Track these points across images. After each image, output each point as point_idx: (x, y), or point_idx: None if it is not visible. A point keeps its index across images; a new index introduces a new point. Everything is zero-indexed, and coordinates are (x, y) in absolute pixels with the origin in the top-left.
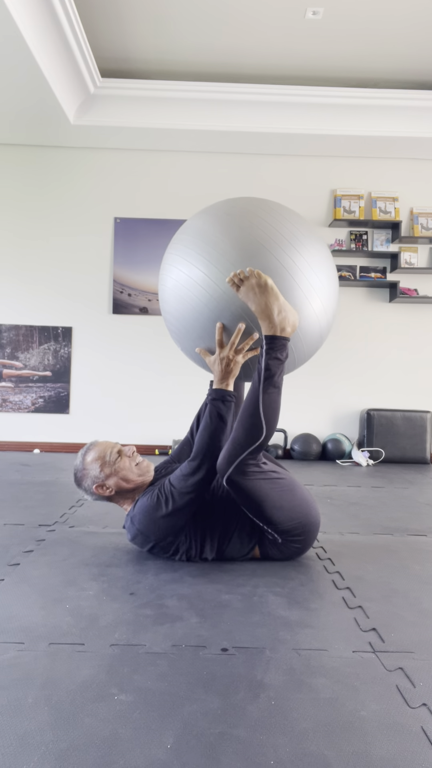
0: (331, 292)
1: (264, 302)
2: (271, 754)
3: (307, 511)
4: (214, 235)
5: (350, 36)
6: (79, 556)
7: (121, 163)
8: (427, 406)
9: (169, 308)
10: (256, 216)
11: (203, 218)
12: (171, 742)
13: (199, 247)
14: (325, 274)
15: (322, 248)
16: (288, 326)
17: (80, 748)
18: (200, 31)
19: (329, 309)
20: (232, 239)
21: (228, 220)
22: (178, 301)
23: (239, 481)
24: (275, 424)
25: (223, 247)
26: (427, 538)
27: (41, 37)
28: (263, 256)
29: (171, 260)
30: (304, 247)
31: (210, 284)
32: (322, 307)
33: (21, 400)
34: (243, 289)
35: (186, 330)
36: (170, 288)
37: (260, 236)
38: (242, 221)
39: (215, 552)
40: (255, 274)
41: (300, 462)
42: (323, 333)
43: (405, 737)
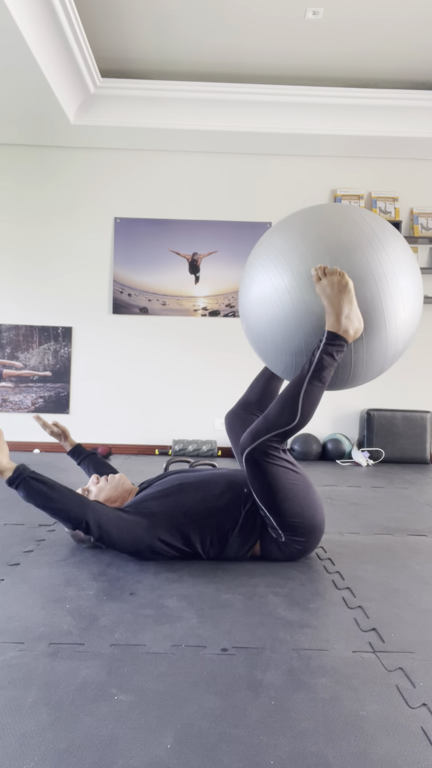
0: (413, 324)
1: (338, 301)
2: (271, 754)
3: (314, 512)
4: (299, 248)
5: (350, 36)
6: (79, 556)
7: (121, 163)
8: (427, 406)
9: (254, 318)
10: (344, 218)
11: (287, 230)
12: (171, 742)
13: (284, 258)
14: (414, 303)
15: (412, 258)
16: (351, 330)
17: (80, 748)
18: (200, 31)
19: (403, 336)
20: (322, 242)
21: (314, 228)
22: (263, 311)
23: (259, 459)
24: (309, 417)
25: (311, 253)
26: (427, 538)
27: (41, 37)
28: (356, 259)
29: (256, 269)
30: (395, 252)
31: (294, 293)
32: (397, 333)
33: (21, 400)
34: (323, 282)
35: (271, 338)
36: (255, 297)
37: (354, 240)
38: (329, 225)
39: (212, 549)
40: (339, 273)
41: (300, 462)
42: (391, 356)
43: (405, 737)
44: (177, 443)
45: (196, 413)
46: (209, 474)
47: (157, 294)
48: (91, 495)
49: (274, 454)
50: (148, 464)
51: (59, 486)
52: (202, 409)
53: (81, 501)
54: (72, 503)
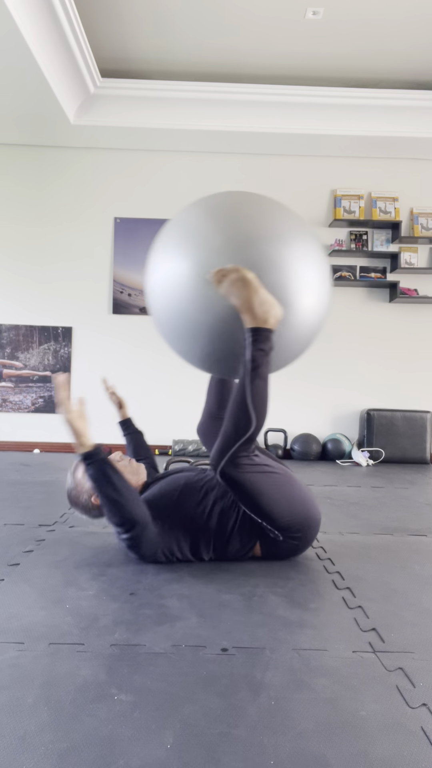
0: (321, 287)
1: (245, 296)
2: (271, 754)
3: (305, 506)
4: (203, 231)
5: (350, 36)
6: (79, 556)
7: (121, 163)
8: (427, 406)
9: (158, 309)
10: (244, 210)
11: (193, 213)
12: (171, 742)
13: (187, 242)
14: (315, 269)
15: (312, 242)
16: (271, 318)
17: (80, 748)
18: (200, 31)
19: (321, 304)
20: (221, 234)
21: (217, 215)
22: (166, 297)
23: (232, 474)
24: (265, 415)
25: (212, 243)
26: (427, 538)
27: (41, 37)
28: (250, 250)
29: (158, 257)
30: (294, 241)
31: (197, 281)
32: (314, 302)
33: (21, 400)
34: (224, 284)
35: (177, 331)
36: (158, 284)
37: (248, 230)
38: (231, 216)
39: (214, 552)
40: (235, 269)
41: (300, 462)
42: (314, 329)
43: (405, 737)
44: (177, 443)
45: (196, 413)
46: (211, 475)
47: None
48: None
49: (245, 463)
50: None
51: (126, 482)
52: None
53: (140, 502)
54: (130, 498)
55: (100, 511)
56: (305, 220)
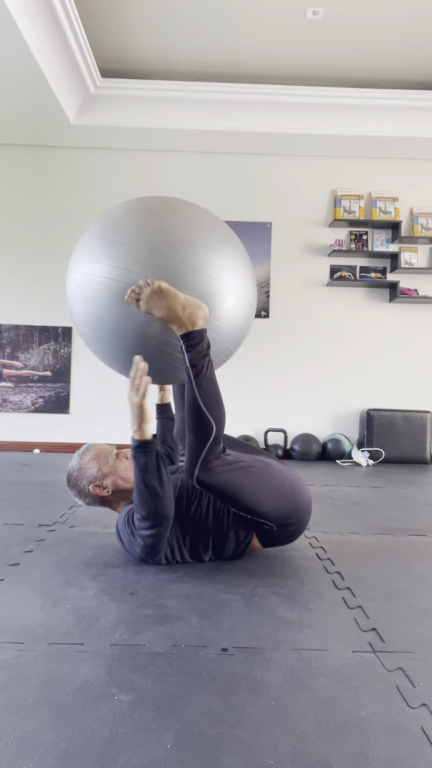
0: (239, 274)
1: (165, 305)
2: (271, 754)
3: (291, 493)
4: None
5: (350, 36)
6: (79, 556)
7: (121, 163)
8: (427, 406)
9: (76, 313)
10: (160, 217)
11: (104, 222)
12: (171, 742)
13: (105, 253)
14: (230, 257)
15: (220, 233)
16: (198, 319)
17: (80, 748)
18: (200, 31)
19: (246, 290)
20: (143, 240)
21: (120, 224)
22: (83, 304)
23: (208, 479)
24: (222, 414)
25: (126, 252)
26: (427, 538)
27: (41, 37)
28: (155, 259)
29: (77, 258)
30: (201, 239)
31: (115, 284)
32: (235, 287)
33: (21, 400)
34: (142, 302)
35: (97, 338)
36: (75, 288)
37: (151, 239)
38: (147, 223)
39: (213, 551)
40: (146, 284)
41: (300, 462)
42: (245, 317)
43: (405, 737)
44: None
45: None
46: None
47: None
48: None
49: (217, 464)
50: None
51: (169, 479)
52: None
53: (173, 502)
54: (169, 497)
55: (94, 500)
56: (219, 219)
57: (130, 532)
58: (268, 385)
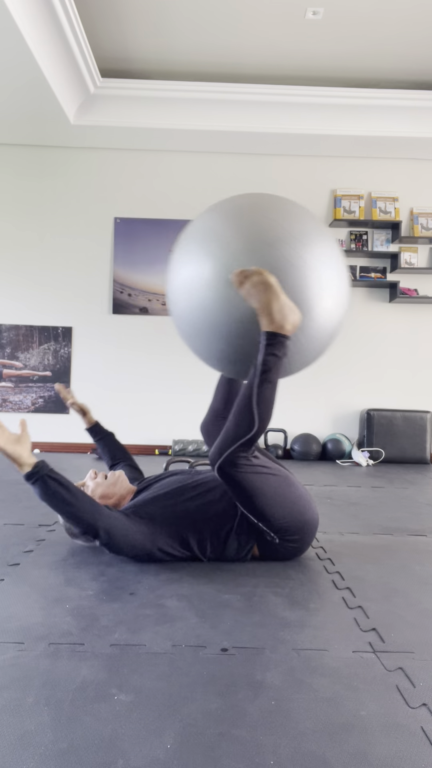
0: (341, 292)
1: (265, 300)
2: (271, 754)
3: (302, 509)
4: (223, 233)
5: (350, 36)
6: (79, 556)
7: (121, 163)
8: (427, 406)
9: (178, 308)
10: (265, 212)
11: (212, 216)
12: (171, 742)
13: (208, 245)
14: (335, 273)
15: (332, 244)
16: (288, 324)
17: (80, 748)
18: (200, 31)
19: (339, 309)
20: (241, 237)
21: (236, 218)
22: (187, 300)
23: (230, 472)
24: (268, 420)
25: (233, 245)
26: (427, 538)
27: (41, 37)
28: (271, 253)
29: (180, 259)
30: (314, 243)
31: (218, 282)
32: (333, 306)
33: (21, 400)
34: (246, 286)
35: (196, 330)
36: (178, 287)
37: (269, 233)
38: (250, 218)
39: (212, 553)
40: (258, 272)
41: (300, 462)
42: (331, 334)
43: (405, 737)
44: (177, 443)
45: (196, 413)
46: (209, 477)
47: (157, 294)
48: (88, 489)
49: (243, 463)
50: (148, 464)
51: (75, 489)
52: (202, 409)
53: (95, 507)
54: (86, 509)
55: None
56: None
57: None
58: None
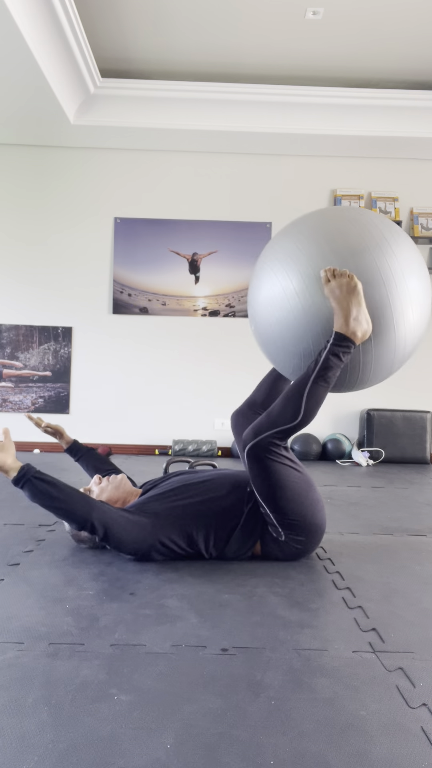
0: (422, 325)
1: (346, 302)
2: (271, 754)
3: (314, 512)
4: (308, 251)
5: (350, 36)
6: (79, 556)
7: (121, 163)
8: (427, 406)
9: (263, 320)
10: (349, 223)
11: (295, 233)
12: (171, 742)
13: (293, 261)
14: (423, 303)
15: (419, 256)
16: (359, 332)
17: (80, 748)
18: (200, 31)
19: (412, 338)
20: (327, 245)
21: (322, 231)
22: (272, 313)
23: (260, 455)
24: (312, 417)
25: (316, 260)
26: (427, 538)
27: (41, 37)
28: (361, 259)
29: (266, 272)
30: (403, 255)
31: (304, 296)
32: (406, 336)
33: (21, 400)
34: (332, 284)
35: (280, 341)
36: (264, 299)
37: (360, 241)
38: (335, 228)
39: (215, 549)
40: (348, 275)
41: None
42: (399, 359)
43: (405, 737)
44: (177, 443)
45: (196, 413)
46: (215, 474)
47: (157, 294)
48: (93, 495)
49: (275, 451)
50: (148, 464)
51: (64, 486)
52: (202, 409)
53: (86, 501)
54: (77, 504)
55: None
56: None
57: None
58: None
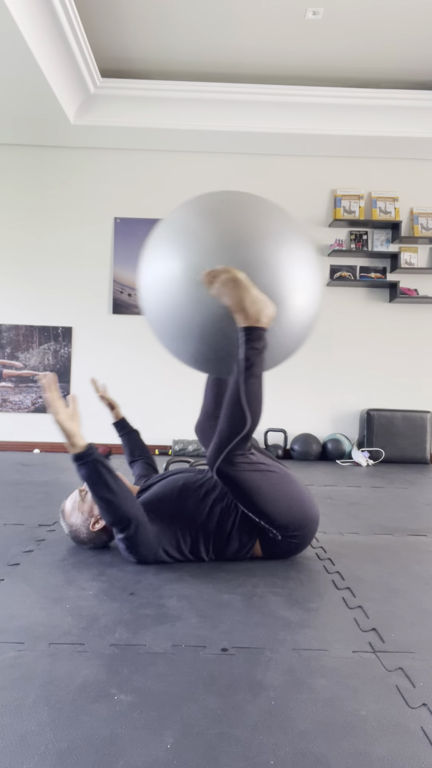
0: (313, 285)
1: (237, 296)
2: (271, 754)
3: (303, 505)
4: (196, 231)
5: (350, 36)
6: (79, 556)
7: (121, 163)
8: (427, 406)
9: (150, 306)
10: (235, 209)
11: (186, 211)
12: (171, 742)
13: (180, 242)
14: (306, 267)
15: (302, 240)
16: (263, 317)
17: (80, 748)
18: (200, 31)
19: (313, 302)
20: (212, 234)
21: (207, 214)
22: (159, 297)
23: (229, 472)
24: (260, 413)
25: (205, 243)
26: (427, 538)
27: (41, 37)
28: (241, 250)
29: (151, 255)
30: (284, 240)
31: (189, 282)
32: (306, 300)
33: (21, 400)
34: (215, 286)
35: (170, 331)
36: (150, 286)
37: (238, 230)
38: (221, 215)
39: (213, 552)
40: (225, 270)
41: (300, 462)
42: (306, 327)
43: (405, 737)
44: (177, 443)
45: (196, 413)
46: (210, 475)
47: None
48: (89, 495)
49: (241, 462)
50: None
51: (119, 478)
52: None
53: (134, 501)
54: (127, 500)
55: (107, 533)
56: (295, 217)
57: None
58: (268, 385)
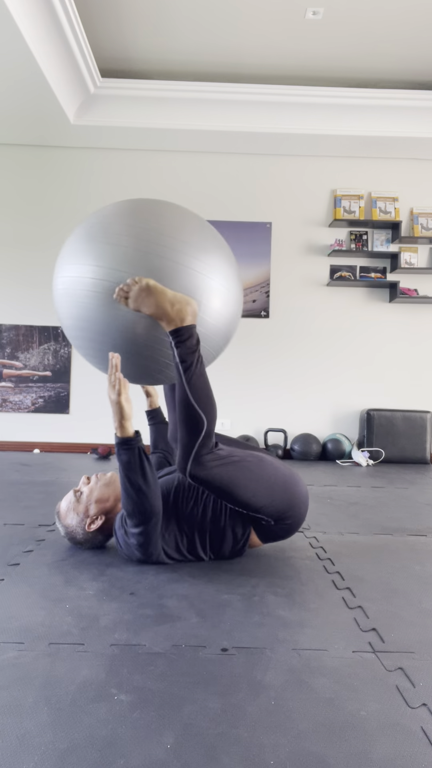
0: (225, 271)
1: (153, 303)
2: (271, 754)
3: (285, 487)
4: (115, 236)
5: (350, 36)
6: (79, 556)
7: (121, 163)
8: (427, 406)
9: (64, 316)
10: (132, 217)
11: (105, 216)
12: (171, 742)
13: (96, 245)
14: (216, 254)
15: (205, 231)
16: (187, 315)
17: (80, 748)
18: (200, 31)
19: (232, 285)
20: (132, 240)
21: (129, 217)
22: (70, 306)
23: (201, 474)
24: (213, 409)
25: (119, 251)
26: (427, 538)
27: (41, 37)
28: (142, 257)
29: (68, 252)
30: (187, 238)
31: (103, 284)
32: (222, 283)
33: (21, 400)
34: (130, 300)
35: (86, 339)
36: (61, 290)
37: (137, 238)
38: (141, 225)
39: (211, 550)
40: (134, 281)
41: (300, 462)
42: (233, 314)
43: (405, 737)
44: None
45: None
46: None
47: None
48: (84, 496)
49: (210, 460)
50: None
51: (155, 474)
52: None
53: (159, 498)
54: (155, 496)
55: (103, 533)
56: (193, 213)
57: (124, 532)
58: (268, 385)
